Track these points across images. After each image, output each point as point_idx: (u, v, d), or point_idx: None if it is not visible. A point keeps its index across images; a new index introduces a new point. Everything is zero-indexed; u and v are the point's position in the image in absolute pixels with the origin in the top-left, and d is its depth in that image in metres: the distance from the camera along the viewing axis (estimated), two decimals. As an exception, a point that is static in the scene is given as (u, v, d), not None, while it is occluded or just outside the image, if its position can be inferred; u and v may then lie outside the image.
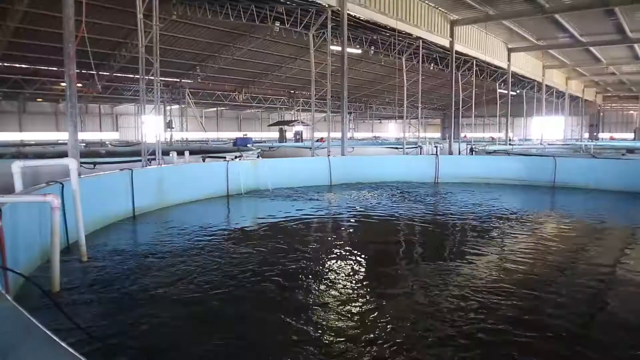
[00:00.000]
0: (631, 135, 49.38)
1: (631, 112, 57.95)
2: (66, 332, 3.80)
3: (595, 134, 55.23)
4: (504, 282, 5.35)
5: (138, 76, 11.79)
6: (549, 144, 32.43)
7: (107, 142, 32.41)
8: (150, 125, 12.90)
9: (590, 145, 29.49)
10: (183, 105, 34.43)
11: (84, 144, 25.72)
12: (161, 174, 10.55)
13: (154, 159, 11.67)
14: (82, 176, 7.78)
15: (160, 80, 12.64)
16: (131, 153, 17.53)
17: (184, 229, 8.26)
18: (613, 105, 58.77)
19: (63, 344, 1.56)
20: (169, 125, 32.71)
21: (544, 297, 4.94)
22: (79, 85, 22.66)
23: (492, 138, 42.56)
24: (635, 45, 26.55)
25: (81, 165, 9.44)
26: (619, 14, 20.16)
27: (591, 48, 27.66)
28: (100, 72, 26.56)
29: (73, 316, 4.07)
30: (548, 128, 42.11)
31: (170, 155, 12.38)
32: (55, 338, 1.60)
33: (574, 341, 4.00)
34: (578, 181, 13.84)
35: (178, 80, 32.39)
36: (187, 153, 13.04)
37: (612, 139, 50.29)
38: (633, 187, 12.81)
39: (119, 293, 5.05)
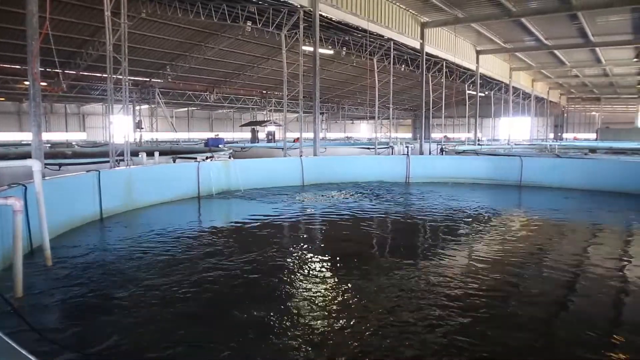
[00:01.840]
0: (593, 136, 51.14)
1: (593, 113, 60.21)
2: (28, 340, 3.69)
3: (559, 134, 57.18)
4: (473, 277, 5.50)
5: (106, 75, 11.52)
6: (515, 144, 33.34)
7: (73, 143, 31.48)
8: (118, 125, 12.64)
9: (555, 145, 30.49)
10: (153, 105, 33.79)
11: (49, 145, 24.97)
12: (130, 175, 10.33)
13: (123, 160, 11.44)
14: (46, 178, 7.56)
15: (129, 79, 12.41)
16: (99, 154, 17.13)
17: (152, 231, 8.11)
18: (576, 106, 60.87)
19: (24, 352, 1.52)
20: (138, 126, 32.10)
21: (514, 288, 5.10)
22: (44, 84, 21.88)
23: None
24: (597, 49, 27.55)
25: (46, 167, 9.18)
26: (582, 19, 20.89)
27: (556, 51, 28.56)
28: (65, 71, 25.82)
29: (35, 323, 3.96)
30: (515, 128, 43.27)
31: (140, 156, 12.14)
32: (15, 346, 1.55)
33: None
34: (543, 180, 14.28)
35: (148, 79, 31.77)
36: (157, 154, 12.81)
37: (575, 139, 52.13)
38: (595, 186, 13.33)
39: (84, 298, 4.92)
